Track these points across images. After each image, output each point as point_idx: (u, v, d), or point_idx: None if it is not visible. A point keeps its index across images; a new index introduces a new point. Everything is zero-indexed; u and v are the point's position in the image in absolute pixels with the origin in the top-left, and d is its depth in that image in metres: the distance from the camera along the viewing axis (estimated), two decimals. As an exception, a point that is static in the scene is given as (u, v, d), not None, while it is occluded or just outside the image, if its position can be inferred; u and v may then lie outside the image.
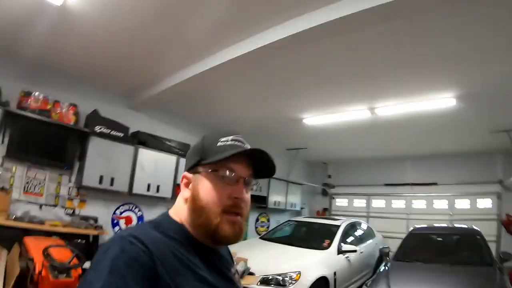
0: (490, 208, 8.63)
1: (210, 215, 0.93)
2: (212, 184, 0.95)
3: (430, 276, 4.38)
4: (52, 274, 3.08)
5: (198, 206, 0.94)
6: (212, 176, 0.96)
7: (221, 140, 0.99)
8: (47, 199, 4.99)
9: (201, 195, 0.95)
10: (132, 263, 0.76)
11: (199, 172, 0.98)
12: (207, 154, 0.97)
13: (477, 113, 5.43)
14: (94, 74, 5.14)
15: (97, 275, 0.74)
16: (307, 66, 4.24)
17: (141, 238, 0.82)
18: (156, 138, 6.14)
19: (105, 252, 0.79)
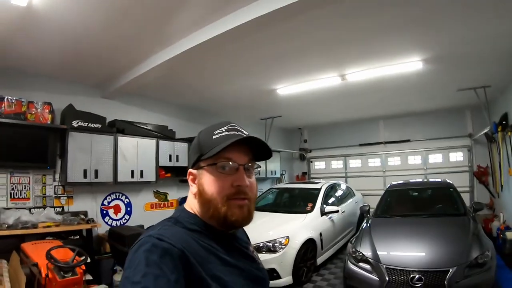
0: (462, 160, 9.16)
1: (217, 205, 0.98)
2: (214, 177, 1.00)
3: (408, 228, 4.74)
4: (58, 275, 3.19)
5: (205, 199, 1.00)
6: (212, 169, 1.00)
7: (215, 133, 1.03)
8: (35, 202, 4.98)
9: (206, 189, 1.00)
10: (164, 255, 0.82)
11: (201, 167, 1.03)
12: (205, 149, 1.01)
13: (444, 73, 5.66)
14: (65, 69, 5.02)
15: (134, 270, 0.79)
16: (278, 41, 4.28)
17: (167, 234, 0.89)
18: (134, 124, 6.11)
19: (137, 250, 0.85)
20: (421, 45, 4.53)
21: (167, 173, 6.69)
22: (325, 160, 11.56)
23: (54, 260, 3.19)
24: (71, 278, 3.22)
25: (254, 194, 1.08)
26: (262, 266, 1.16)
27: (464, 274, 3.62)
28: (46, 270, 3.20)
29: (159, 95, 6.82)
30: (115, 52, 4.47)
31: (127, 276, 0.79)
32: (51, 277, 3.16)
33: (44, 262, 3.23)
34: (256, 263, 1.13)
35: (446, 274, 3.62)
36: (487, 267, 3.71)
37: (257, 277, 1.08)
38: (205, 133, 1.07)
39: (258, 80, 5.96)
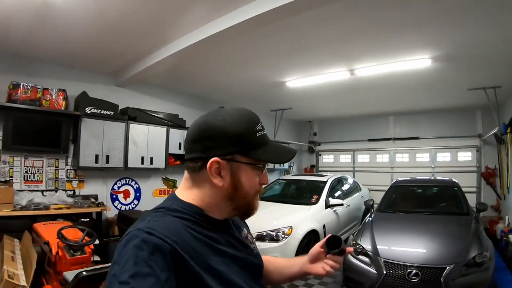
0: (470, 160, 9.09)
1: (252, 200, 1.03)
2: (252, 175, 1.00)
3: (410, 224, 4.77)
4: (68, 253, 3.33)
5: (241, 195, 0.99)
6: (253, 168, 1.00)
7: (257, 129, 1.00)
8: (48, 185, 5.18)
9: (245, 185, 0.99)
10: (154, 251, 0.78)
11: (239, 162, 0.97)
12: (250, 146, 0.98)
13: (454, 72, 5.62)
14: (80, 58, 5.16)
15: (122, 267, 0.75)
16: (287, 34, 4.32)
17: (158, 227, 0.84)
18: (145, 112, 6.25)
19: (125, 245, 0.80)
20: (431, 43, 4.51)
21: (176, 161, 6.82)
22: (334, 153, 11.59)
23: (65, 239, 3.33)
24: (80, 257, 3.35)
25: None
26: (257, 251, 1.16)
27: (461, 273, 3.64)
28: (56, 248, 3.35)
29: (171, 84, 6.94)
30: (130, 41, 4.57)
31: (115, 274, 0.75)
32: (61, 255, 3.29)
33: (55, 240, 3.37)
34: (250, 248, 1.12)
35: (443, 271, 3.64)
36: (485, 267, 3.72)
37: (252, 263, 1.07)
38: (243, 124, 0.98)
39: (268, 72, 6.02)
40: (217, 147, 0.95)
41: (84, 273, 2.62)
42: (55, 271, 3.32)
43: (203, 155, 0.96)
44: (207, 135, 0.96)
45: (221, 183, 0.96)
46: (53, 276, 3.35)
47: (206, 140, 0.96)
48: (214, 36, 3.97)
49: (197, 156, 0.97)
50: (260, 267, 1.13)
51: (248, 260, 1.06)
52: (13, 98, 4.59)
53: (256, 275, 1.08)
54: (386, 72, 5.57)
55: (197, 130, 0.99)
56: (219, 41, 4.19)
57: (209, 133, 0.96)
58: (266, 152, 1.00)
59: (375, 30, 4.19)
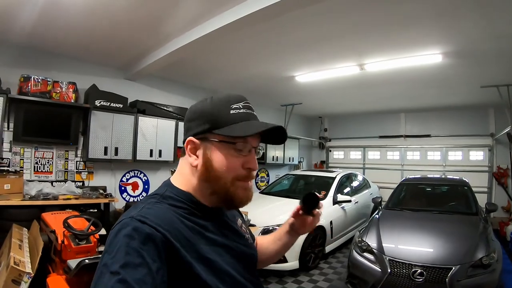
0: (482, 160, 8.92)
1: (227, 184, 0.94)
2: (227, 155, 0.94)
3: (417, 223, 4.70)
4: (73, 242, 3.39)
5: (213, 176, 0.94)
6: (225, 146, 0.94)
7: (233, 107, 0.96)
8: (57, 176, 5.28)
9: (216, 166, 0.94)
10: (146, 241, 0.77)
11: (210, 141, 0.95)
12: (220, 123, 0.94)
13: (466, 68, 5.51)
14: (90, 51, 5.21)
15: (114, 257, 0.74)
16: (296, 27, 4.27)
17: (150, 215, 0.83)
18: (154, 105, 6.30)
19: (116, 234, 0.79)
20: (442, 38, 4.41)
21: (185, 154, 6.85)
22: (344, 150, 11.51)
23: (70, 228, 3.39)
24: (85, 246, 3.41)
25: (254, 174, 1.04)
26: (251, 241, 1.14)
27: (467, 274, 3.57)
28: (62, 237, 3.42)
29: (180, 77, 6.96)
30: (138, 35, 4.59)
31: (106, 264, 0.74)
32: (67, 243, 3.35)
33: (61, 229, 3.43)
34: (244, 238, 1.10)
35: (449, 271, 3.59)
36: (491, 269, 3.64)
37: (244, 253, 1.04)
38: (220, 103, 0.97)
39: (277, 66, 5.98)
40: (192, 127, 0.97)
41: (87, 261, 2.66)
42: (61, 260, 3.37)
43: (184, 138, 1.00)
44: (187, 118, 1.00)
45: (195, 162, 0.96)
46: (58, 265, 3.41)
47: (187, 123, 1.00)
48: (222, 29, 3.95)
49: (183, 140, 1.01)
50: (254, 256, 1.11)
51: (241, 249, 1.04)
52: (24, 91, 4.68)
53: (250, 265, 1.07)
54: (396, 67, 5.47)
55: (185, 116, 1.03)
56: (228, 33, 4.15)
57: (189, 115, 1.00)
58: (238, 128, 0.93)
59: (386, 23, 4.11)
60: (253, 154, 0.99)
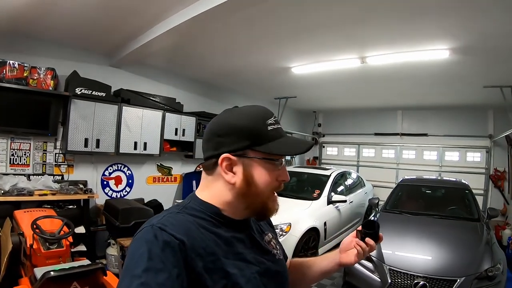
0: (479, 161, 8.79)
1: (265, 199, 0.98)
2: (267, 171, 0.97)
3: (418, 228, 4.49)
4: (43, 246, 3.07)
5: (253, 192, 0.96)
6: (267, 163, 0.97)
7: (268, 123, 0.98)
8: (35, 169, 4.88)
9: (257, 182, 0.96)
10: (165, 247, 0.80)
11: (251, 157, 0.96)
12: (261, 140, 0.96)
13: (471, 66, 5.24)
14: (72, 35, 4.79)
15: (136, 262, 0.78)
16: (295, 13, 3.91)
17: (170, 224, 0.86)
18: (140, 95, 5.90)
19: (139, 240, 0.83)
20: (451, 32, 4.12)
21: (172, 147, 6.52)
22: (338, 146, 11.25)
23: (40, 231, 3.07)
24: (56, 250, 3.11)
25: None
26: (279, 257, 1.12)
27: (472, 286, 3.38)
28: (31, 240, 3.09)
29: (168, 66, 6.56)
30: (123, 16, 4.18)
31: (128, 268, 0.78)
32: (36, 247, 3.05)
33: (30, 231, 3.12)
34: (271, 254, 1.08)
35: (453, 284, 3.39)
36: (497, 281, 3.46)
37: (268, 269, 1.02)
38: (255, 118, 0.98)
39: (272, 56, 5.62)
40: (227, 143, 0.96)
41: (52, 273, 2.33)
42: (32, 264, 3.07)
43: (215, 153, 0.97)
44: (217, 132, 0.98)
45: (233, 180, 0.96)
46: (29, 269, 3.12)
47: (216, 138, 0.98)
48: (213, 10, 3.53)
49: (210, 155, 0.99)
50: (280, 273, 1.07)
51: (266, 265, 1.02)
52: (-2, 77, 4.27)
53: (274, 282, 1.03)
54: (399, 62, 5.17)
55: (209, 129, 1.02)
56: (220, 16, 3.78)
57: (219, 130, 0.98)
58: (279, 145, 0.97)
59: (393, 13, 3.76)
60: (284, 167, 1.02)
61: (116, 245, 4.36)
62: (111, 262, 4.50)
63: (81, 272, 2.55)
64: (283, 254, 1.19)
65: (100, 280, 2.76)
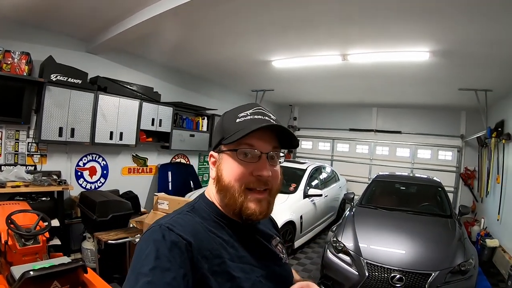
0: (450, 160, 9.12)
1: (234, 194, 0.94)
2: (234, 163, 0.95)
3: (394, 223, 4.64)
4: (19, 242, 2.93)
5: (223, 186, 0.96)
6: (233, 155, 0.96)
7: (239, 116, 0.97)
8: (6, 159, 4.63)
9: (224, 175, 0.96)
10: (173, 247, 0.81)
11: (222, 151, 0.98)
12: (227, 132, 0.97)
13: (449, 70, 5.39)
14: (48, 18, 4.52)
15: (144, 260, 0.79)
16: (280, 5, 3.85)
17: (177, 224, 0.87)
18: (117, 83, 5.68)
19: (147, 239, 0.84)
20: (432, 35, 4.22)
21: (148, 138, 6.37)
22: (313, 140, 11.32)
23: (15, 226, 2.92)
24: (32, 247, 2.96)
25: (277, 185, 1.01)
26: (285, 261, 1.11)
27: (445, 280, 3.55)
28: (6, 236, 2.94)
29: (147, 54, 6.35)
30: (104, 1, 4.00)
31: (135, 266, 0.79)
32: (11, 244, 2.90)
33: (5, 227, 2.94)
34: (278, 258, 1.08)
35: (428, 277, 3.54)
36: (469, 275, 3.65)
37: (274, 273, 1.01)
38: (229, 115, 1.01)
39: (254, 48, 5.55)
40: (213, 142, 1.04)
41: (31, 273, 2.23)
42: (7, 261, 2.92)
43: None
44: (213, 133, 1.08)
45: (213, 174, 1.00)
46: (4, 266, 2.96)
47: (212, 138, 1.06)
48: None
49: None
50: (285, 278, 1.06)
51: (272, 270, 1.02)
52: (-32, 62, 3.98)
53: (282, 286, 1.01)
54: (380, 61, 5.25)
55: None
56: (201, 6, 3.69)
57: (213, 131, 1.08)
58: (235, 134, 0.94)
59: (377, 12, 3.78)
60: (263, 160, 0.96)
61: (92, 238, 4.24)
62: (87, 256, 4.37)
63: (61, 270, 2.46)
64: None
65: (81, 278, 2.68)
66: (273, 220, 1.25)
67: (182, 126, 7.13)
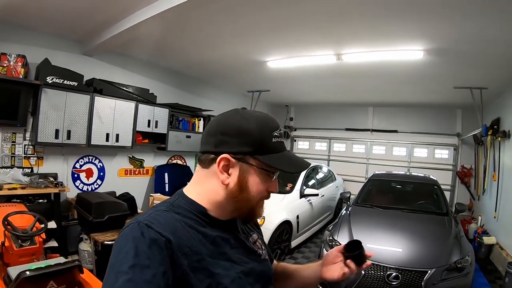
0: (447, 158, 9.17)
1: (253, 205, 1.00)
2: (261, 180, 0.98)
3: (389, 221, 4.65)
4: (15, 243, 2.94)
5: (245, 197, 0.97)
6: (264, 173, 0.98)
7: (274, 135, 0.98)
8: (3, 161, 4.63)
9: (251, 189, 0.97)
10: (152, 245, 0.80)
11: (249, 164, 0.96)
12: (264, 150, 0.96)
13: (444, 68, 5.43)
14: (43, 20, 4.52)
15: (123, 258, 0.77)
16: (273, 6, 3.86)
17: (156, 221, 0.86)
18: (113, 85, 5.69)
19: (125, 236, 0.83)
20: (426, 34, 4.24)
21: (144, 139, 6.38)
22: (309, 140, 11.37)
23: (12, 228, 2.93)
24: (29, 248, 2.97)
25: None
26: (264, 257, 1.12)
27: (442, 277, 3.56)
28: (2, 237, 2.95)
29: (143, 56, 6.36)
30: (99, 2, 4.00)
31: (114, 264, 0.78)
32: (8, 245, 2.91)
33: (1, 228, 2.96)
34: (256, 254, 1.09)
35: (424, 275, 3.55)
36: (465, 272, 3.65)
37: (253, 269, 1.03)
38: (263, 127, 0.97)
39: (249, 49, 5.57)
40: (230, 143, 0.96)
41: (28, 273, 2.24)
42: (3, 262, 2.93)
43: (215, 150, 0.97)
44: (223, 130, 0.97)
45: (227, 181, 0.96)
46: (1, 268, 2.95)
47: (221, 135, 0.97)
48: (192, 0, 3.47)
49: (209, 150, 0.98)
50: (265, 273, 1.09)
51: (251, 265, 1.03)
52: (-35, 64, 3.98)
53: (261, 282, 1.05)
54: (375, 60, 5.28)
55: (215, 124, 1.00)
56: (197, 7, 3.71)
57: (225, 129, 0.97)
58: (279, 160, 0.98)
59: (370, 13, 3.83)
60: (276, 179, 1.03)
61: (88, 240, 4.25)
62: (84, 257, 4.36)
63: (57, 270, 2.47)
64: (268, 256, 1.20)
65: (77, 278, 2.69)
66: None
67: (178, 127, 7.13)
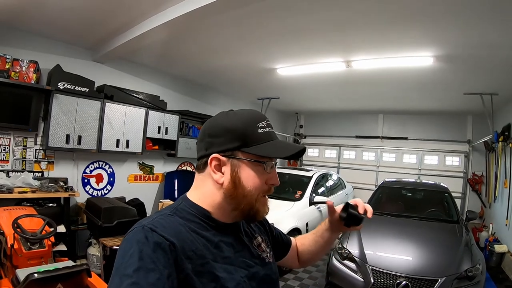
0: (458, 165, 9.04)
1: (252, 201, 0.97)
2: (255, 173, 0.97)
3: (399, 229, 4.57)
4: (25, 246, 2.97)
5: (240, 194, 0.96)
6: (256, 165, 0.97)
7: (259, 125, 0.98)
8: (14, 165, 4.70)
9: (245, 183, 0.96)
10: (156, 248, 0.80)
11: (239, 159, 0.97)
12: (250, 142, 0.96)
13: (454, 74, 5.38)
14: (55, 27, 4.62)
15: (127, 261, 0.78)
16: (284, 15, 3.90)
17: (160, 225, 0.86)
18: (124, 91, 5.78)
19: (130, 240, 0.83)
20: (436, 40, 4.22)
21: (154, 145, 6.43)
22: (319, 148, 11.32)
23: (21, 230, 2.96)
24: (38, 251, 3.00)
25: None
26: (269, 261, 1.11)
27: (452, 286, 3.48)
28: (12, 239, 2.98)
29: (153, 63, 6.44)
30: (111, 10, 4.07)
31: (119, 267, 0.78)
32: (17, 247, 2.94)
33: (11, 231, 3.00)
34: (260, 258, 1.08)
35: (434, 284, 3.48)
36: (476, 281, 3.57)
37: (257, 273, 1.03)
38: (247, 121, 0.98)
39: (258, 56, 5.59)
40: (217, 143, 0.97)
41: (36, 275, 2.25)
42: (12, 265, 2.96)
43: (206, 153, 0.98)
44: (210, 132, 0.99)
45: (221, 180, 0.97)
46: (10, 270, 3.00)
47: (208, 138, 0.99)
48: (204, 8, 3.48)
49: (202, 155, 1.00)
50: (269, 277, 1.07)
51: (255, 269, 1.03)
52: (-22, 69, 4.08)
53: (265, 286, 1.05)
54: (384, 67, 5.26)
55: (202, 130, 1.03)
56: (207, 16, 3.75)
57: (211, 130, 0.99)
58: (268, 148, 0.97)
59: (381, 18, 3.80)
60: (274, 170, 1.02)
61: (97, 244, 4.27)
62: (92, 262, 4.39)
63: (65, 273, 2.48)
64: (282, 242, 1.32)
65: (85, 281, 2.69)
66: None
67: (188, 134, 7.17)
